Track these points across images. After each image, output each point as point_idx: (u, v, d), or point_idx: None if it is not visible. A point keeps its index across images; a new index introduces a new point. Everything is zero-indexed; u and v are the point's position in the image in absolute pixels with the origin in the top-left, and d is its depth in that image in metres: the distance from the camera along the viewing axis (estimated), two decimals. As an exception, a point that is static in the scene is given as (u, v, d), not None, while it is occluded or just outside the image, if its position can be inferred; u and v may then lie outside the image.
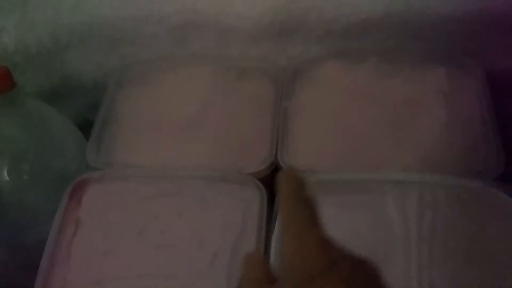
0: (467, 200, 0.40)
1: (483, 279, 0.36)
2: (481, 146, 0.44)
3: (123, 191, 0.44)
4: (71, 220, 0.43)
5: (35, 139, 0.47)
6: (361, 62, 0.50)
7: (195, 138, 0.48)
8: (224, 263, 0.39)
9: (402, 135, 0.45)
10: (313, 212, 0.26)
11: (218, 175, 0.44)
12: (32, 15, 0.53)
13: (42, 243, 0.42)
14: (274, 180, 0.44)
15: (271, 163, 0.45)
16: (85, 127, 0.52)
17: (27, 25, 0.53)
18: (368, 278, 0.24)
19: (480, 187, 0.41)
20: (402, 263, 0.37)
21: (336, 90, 0.49)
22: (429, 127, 0.45)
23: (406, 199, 0.40)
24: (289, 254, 0.24)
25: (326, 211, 0.40)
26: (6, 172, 0.46)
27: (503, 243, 0.38)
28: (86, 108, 0.58)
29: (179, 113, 0.50)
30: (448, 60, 0.49)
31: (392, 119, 0.46)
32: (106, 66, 0.56)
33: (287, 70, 0.52)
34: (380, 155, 0.45)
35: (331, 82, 0.50)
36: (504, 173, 0.42)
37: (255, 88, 0.51)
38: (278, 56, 0.53)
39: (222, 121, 0.49)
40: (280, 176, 0.29)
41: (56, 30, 0.53)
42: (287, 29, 0.51)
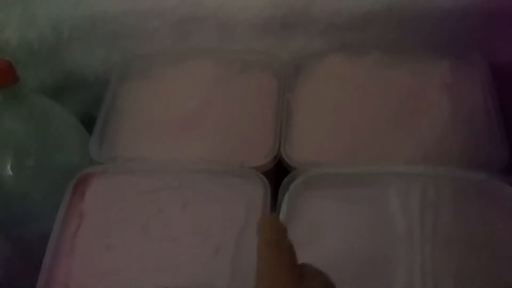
0: (471, 192, 0.40)
1: (487, 270, 0.36)
2: (485, 138, 0.44)
3: (127, 185, 0.44)
4: (74, 214, 0.43)
5: (38, 133, 0.47)
6: (363, 55, 0.50)
7: (197, 132, 0.48)
8: (228, 255, 0.39)
9: (405, 128, 0.45)
10: (291, 258, 0.27)
11: (221, 169, 0.44)
12: (34, 9, 0.53)
13: (46, 238, 0.42)
14: (277, 172, 0.45)
15: (274, 156, 0.45)
16: (87, 122, 0.52)
17: (29, 20, 0.53)
18: None
19: (485, 179, 0.40)
20: (405, 256, 0.37)
21: (338, 83, 0.49)
22: (432, 120, 0.45)
23: (410, 192, 0.40)
24: None
25: (329, 204, 0.41)
26: (9, 167, 0.46)
27: (507, 235, 0.38)
28: (88, 103, 0.58)
29: (181, 107, 0.50)
30: (451, 52, 0.49)
31: (396, 112, 0.46)
32: (108, 61, 0.56)
33: (290, 63, 0.51)
34: (384, 148, 0.44)
35: (333, 75, 0.49)
36: (509, 165, 0.42)
37: (258, 82, 0.51)
38: (280, 50, 0.52)
39: (224, 115, 0.49)
40: (261, 221, 0.29)
41: (58, 24, 0.53)
42: (289, 22, 0.51)
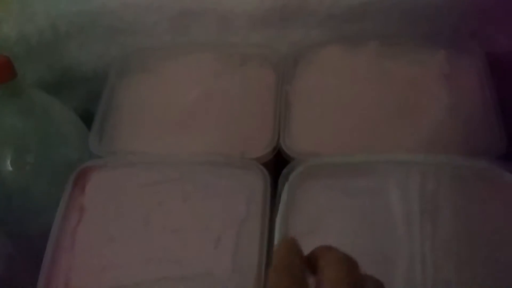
0: (470, 180, 0.40)
1: (487, 258, 0.36)
2: (483, 127, 0.44)
3: (127, 178, 0.44)
4: (75, 208, 0.43)
5: (38, 128, 0.47)
6: (362, 46, 0.50)
7: (197, 125, 0.48)
8: (229, 246, 0.39)
9: (404, 117, 0.45)
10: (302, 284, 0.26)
11: (221, 160, 0.44)
12: (32, 5, 0.53)
13: (46, 233, 0.42)
14: (276, 163, 0.45)
15: (273, 147, 0.45)
16: (86, 118, 0.52)
17: (28, 15, 0.53)
18: None
19: (484, 167, 0.40)
20: (405, 245, 0.37)
21: (337, 74, 0.49)
22: (431, 109, 0.45)
23: (409, 180, 0.40)
24: None
25: (329, 194, 0.41)
26: (9, 162, 0.46)
27: (507, 222, 0.38)
28: (87, 99, 0.58)
29: (180, 100, 0.50)
30: (449, 42, 0.49)
31: (394, 102, 0.46)
32: (106, 56, 0.56)
33: (288, 55, 0.51)
34: (383, 138, 0.45)
35: (332, 66, 0.49)
36: (507, 153, 0.42)
37: (257, 74, 0.51)
38: (279, 42, 0.52)
39: (224, 107, 0.49)
40: (278, 245, 0.28)
41: (56, 20, 0.53)
42: (287, 14, 0.51)
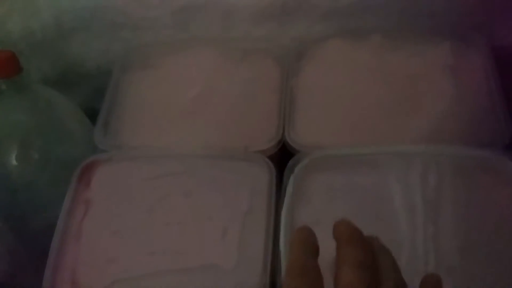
0: (475, 170, 0.40)
1: (491, 246, 0.36)
2: (487, 119, 0.44)
3: (132, 171, 0.44)
4: (80, 202, 0.43)
5: (43, 123, 0.48)
6: (365, 39, 0.50)
7: (201, 119, 0.48)
8: (234, 238, 0.39)
9: (408, 109, 0.45)
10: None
11: (226, 154, 0.44)
12: (36, 1, 0.53)
13: (51, 228, 0.42)
14: (281, 156, 0.45)
15: (278, 141, 0.45)
16: (90, 115, 0.52)
17: (31, 11, 0.53)
18: None
19: (489, 156, 0.40)
20: (410, 235, 0.37)
21: (341, 67, 0.49)
22: (435, 101, 0.45)
23: (414, 171, 0.40)
24: None
25: (334, 187, 0.41)
26: (14, 157, 0.46)
27: (511, 210, 0.38)
28: (90, 96, 0.58)
29: (184, 95, 0.50)
30: (453, 34, 0.49)
31: (398, 94, 0.46)
32: (109, 52, 0.56)
33: (291, 49, 0.51)
34: (387, 130, 0.45)
35: (335, 60, 0.49)
36: (511, 143, 0.42)
37: (260, 68, 0.51)
38: (282, 36, 0.52)
39: (228, 101, 0.49)
40: (295, 235, 0.29)
41: (60, 15, 0.53)
42: (289, 8, 0.51)
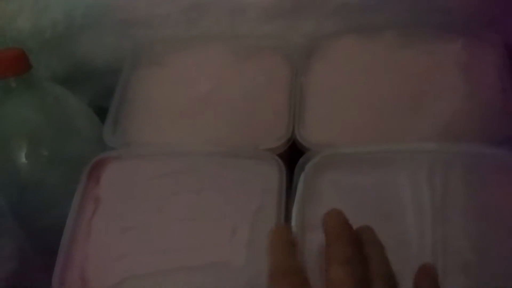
0: (488, 167, 0.40)
1: (505, 245, 0.36)
2: (500, 116, 0.43)
3: (141, 169, 0.44)
4: (90, 199, 0.43)
5: (52, 121, 0.48)
6: (376, 36, 0.49)
7: (211, 116, 0.48)
8: (244, 236, 0.39)
9: (420, 107, 0.45)
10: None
11: (235, 151, 0.44)
12: (46, -3, 0.53)
13: (59, 225, 0.42)
14: (290, 154, 0.45)
15: (288, 138, 0.45)
16: (99, 112, 0.52)
17: (41, 8, 0.53)
18: None
19: (500, 154, 0.40)
20: (419, 232, 0.37)
21: (352, 64, 0.48)
22: (448, 98, 0.44)
23: (426, 170, 0.40)
24: None
25: (345, 184, 0.41)
26: (23, 154, 0.46)
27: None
28: (99, 93, 0.58)
29: (194, 92, 0.49)
30: (466, 31, 0.48)
31: (410, 92, 0.46)
32: (119, 49, 0.56)
33: (302, 46, 0.51)
34: (398, 128, 0.44)
35: (346, 57, 0.49)
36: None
37: (270, 65, 0.51)
38: (292, 33, 0.52)
39: (237, 99, 0.49)
40: (271, 236, 0.31)
41: (69, 12, 0.53)
42: (300, 4, 0.50)
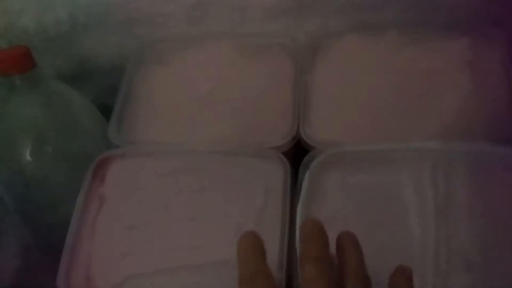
0: (492, 166, 0.39)
1: (506, 245, 0.36)
2: (506, 115, 0.43)
3: (146, 167, 0.44)
4: (95, 197, 0.43)
5: (56, 118, 0.48)
6: (381, 35, 0.49)
7: (215, 115, 0.48)
8: (250, 234, 0.39)
9: (425, 106, 0.45)
10: None
11: (240, 150, 0.44)
12: (50, -5, 0.53)
13: (64, 222, 0.42)
14: (295, 153, 0.45)
15: (293, 137, 0.45)
16: (103, 110, 0.52)
17: (46, 6, 0.53)
18: None
19: (506, 153, 0.40)
20: (423, 231, 0.37)
21: (356, 62, 0.48)
22: (453, 97, 0.44)
23: (431, 168, 0.40)
24: None
25: (350, 183, 0.41)
26: (28, 152, 0.46)
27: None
28: (104, 91, 0.58)
29: (198, 90, 0.49)
30: (471, 29, 0.48)
31: (415, 91, 0.46)
32: (123, 48, 0.56)
33: (306, 44, 0.51)
34: (403, 127, 0.44)
35: (351, 55, 0.49)
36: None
37: (274, 63, 0.51)
38: (296, 31, 0.52)
39: (241, 97, 0.49)
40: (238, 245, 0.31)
41: (73, 11, 0.53)
42: (304, 2, 0.50)
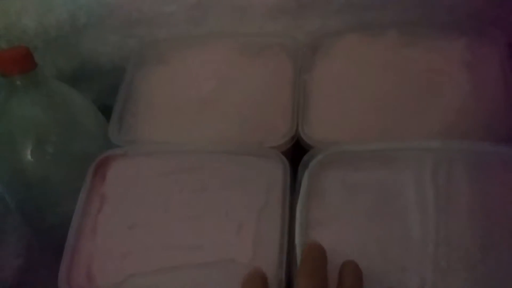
0: (491, 165, 0.40)
1: (507, 244, 0.36)
2: (505, 114, 0.43)
3: (147, 166, 0.44)
4: (96, 196, 0.43)
5: (57, 119, 0.48)
6: (381, 34, 0.49)
7: (215, 114, 0.48)
8: (250, 233, 0.39)
9: (424, 105, 0.45)
10: None
11: (240, 149, 0.44)
12: (51, -4, 0.53)
13: (65, 222, 0.42)
14: (294, 152, 0.45)
15: (292, 136, 0.45)
16: (104, 110, 0.52)
17: (46, 7, 0.53)
18: None
19: (505, 152, 0.40)
20: (423, 230, 0.37)
21: (356, 62, 0.48)
22: (452, 97, 0.44)
23: (430, 168, 0.40)
24: None
25: (349, 182, 0.41)
26: (29, 152, 0.46)
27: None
28: (104, 91, 0.58)
29: (198, 90, 0.50)
30: (470, 29, 0.48)
31: (414, 90, 0.46)
32: (124, 48, 0.56)
33: (306, 44, 0.51)
34: (402, 126, 0.44)
35: (350, 55, 0.49)
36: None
37: (274, 63, 0.51)
38: (296, 31, 0.52)
39: (241, 97, 0.49)
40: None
41: (74, 11, 0.53)
42: (304, 2, 0.50)
